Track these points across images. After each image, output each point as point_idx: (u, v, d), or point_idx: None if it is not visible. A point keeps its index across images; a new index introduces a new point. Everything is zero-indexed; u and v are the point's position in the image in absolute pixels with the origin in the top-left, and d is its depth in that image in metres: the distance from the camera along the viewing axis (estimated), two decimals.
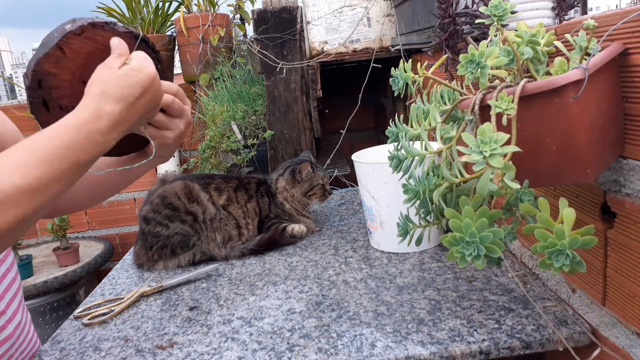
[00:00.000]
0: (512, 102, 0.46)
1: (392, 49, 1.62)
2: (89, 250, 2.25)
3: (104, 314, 0.84)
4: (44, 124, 0.63)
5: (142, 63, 0.61)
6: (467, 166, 0.49)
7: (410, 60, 1.49)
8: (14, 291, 0.76)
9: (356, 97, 1.59)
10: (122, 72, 0.59)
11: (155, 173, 2.22)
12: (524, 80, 0.48)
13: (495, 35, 0.56)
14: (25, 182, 0.50)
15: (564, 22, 0.70)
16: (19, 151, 0.52)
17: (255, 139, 1.63)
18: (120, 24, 0.67)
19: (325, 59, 1.63)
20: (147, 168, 0.81)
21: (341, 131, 1.65)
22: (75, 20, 0.64)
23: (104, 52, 0.64)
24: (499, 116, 0.47)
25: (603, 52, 0.48)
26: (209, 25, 1.95)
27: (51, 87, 0.63)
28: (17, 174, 0.50)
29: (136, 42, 0.66)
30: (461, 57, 0.50)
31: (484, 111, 0.51)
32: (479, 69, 0.49)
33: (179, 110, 0.71)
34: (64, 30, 0.62)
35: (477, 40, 0.71)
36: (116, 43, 0.62)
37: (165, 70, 0.69)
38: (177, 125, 0.72)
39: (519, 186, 0.45)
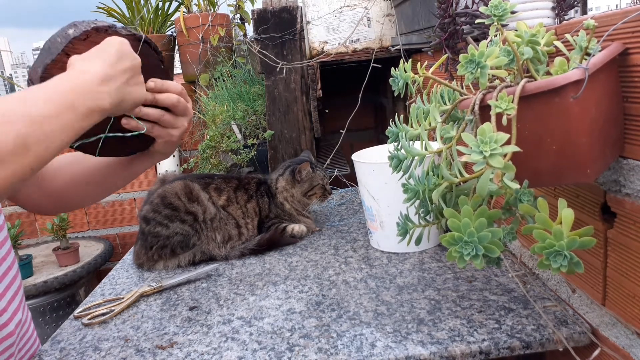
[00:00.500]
0: (512, 102, 0.46)
1: (392, 49, 1.62)
2: (89, 250, 2.25)
3: (104, 314, 0.84)
4: None
5: (110, 39, 0.64)
6: (467, 166, 0.49)
7: (410, 60, 1.49)
8: (14, 289, 0.76)
9: (356, 97, 1.59)
10: (94, 48, 0.63)
11: (155, 173, 2.22)
12: (524, 80, 0.48)
13: (495, 35, 0.56)
14: (26, 110, 0.50)
15: (564, 22, 0.70)
16: (23, 93, 0.53)
17: (255, 139, 1.63)
18: (121, 25, 0.67)
19: (325, 59, 1.63)
20: (149, 165, 0.84)
21: (341, 131, 1.65)
22: (76, 25, 0.64)
23: None
24: (499, 116, 0.47)
25: (603, 52, 0.48)
26: (209, 25, 1.95)
27: None
28: (24, 117, 0.50)
29: (139, 44, 0.67)
30: (461, 57, 0.50)
31: (484, 111, 0.51)
32: (479, 69, 0.50)
33: (184, 109, 0.75)
34: (68, 36, 0.63)
35: (477, 40, 0.71)
36: None
37: (168, 70, 0.70)
38: (181, 123, 0.75)
39: (518, 186, 0.45)
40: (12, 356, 0.73)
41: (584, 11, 1.04)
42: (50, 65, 0.62)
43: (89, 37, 0.64)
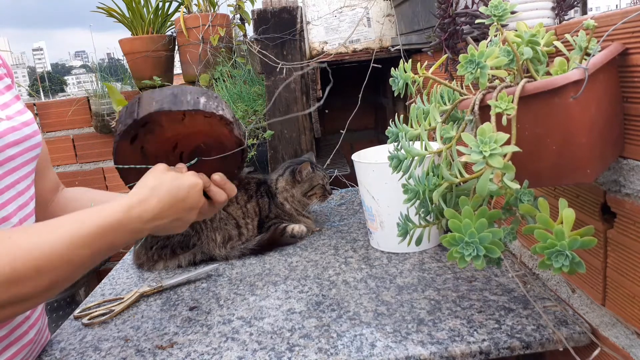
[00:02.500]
0: (512, 102, 0.46)
1: (392, 49, 1.62)
2: None
3: (103, 314, 0.84)
4: (120, 150, 0.66)
5: (192, 178, 0.68)
6: (467, 166, 0.49)
7: (410, 60, 1.49)
8: None
9: (356, 97, 1.59)
10: (172, 179, 0.66)
11: None
12: (524, 80, 0.48)
13: (495, 35, 0.56)
14: (70, 255, 0.54)
15: (564, 22, 0.70)
16: (68, 222, 0.56)
17: (255, 139, 1.63)
18: (242, 131, 0.70)
19: (325, 59, 1.63)
20: None
21: (341, 131, 1.65)
22: (215, 98, 0.66)
23: (212, 140, 0.69)
24: (499, 116, 0.47)
25: (603, 52, 0.48)
26: (209, 26, 1.95)
27: (151, 132, 0.66)
28: (66, 246, 0.53)
29: (237, 146, 0.70)
30: (461, 57, 0.50)
31: (484, 111, 0.51)
32: (479, 69, 0.49)
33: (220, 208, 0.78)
34: (198, 103, 0.64)
35: (477, 40, 0.71)
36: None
37: (243, 162, 0.76)
38: (207, 215, 0.77)
39: (518, 186, 0.45)
40: None
41: (584, 11, 1.04)
42: (165, 112, 0.64)
43: (211, 117, 0.65)
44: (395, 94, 0.63)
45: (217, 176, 0.73)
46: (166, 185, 0.64)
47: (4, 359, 0.67)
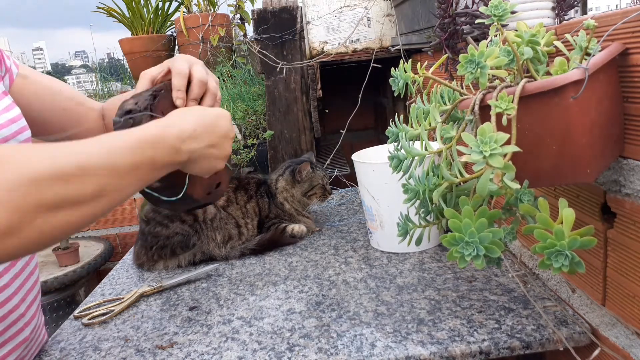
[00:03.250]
0: (512, 102, 0.46)
1: (392, 49, 1.62)
2: (89, 250, 2.25)
3: (103, 314, 0.84)
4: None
5: (219, 109, 0.69)
6: (467, 166, 0.49)
7: (410, 60, 1.49)
8: (34, 294, 0.77)
9: (356, 97, 1.59)
10: (200, 108, 0.68)
11: None
12: (524, 80, 0.48)
13: (495, 35, 0.56)
14: (108, 160, 0.51)
15: (564, 22, 0.70)
16: (110, 137, 0.55)
17: (255, 139, 1.63)
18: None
19: (325, 59, 1.63)
20: None
21: (341, 131, 1.65)
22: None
23: None
24: (499, 116, 0.47)
25: (603, 52, 0.48)
26: (209, 25, 1.95)
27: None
28: (105, 153, 0.52)
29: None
30: (461, 57, 0.50)
31: (484, 111, 0.51)
32: (479, 69, 0.49)
33: None
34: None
35: (477, 40, 0.71)
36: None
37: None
38: None
39: (518, 186, 0.45)
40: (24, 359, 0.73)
41: (584, 11, 1.04)
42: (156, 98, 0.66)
43: None
44: (395, 94, 0.63)
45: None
46: (196, 111, 0.65)
47: None
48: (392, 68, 0.62)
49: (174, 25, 2.15)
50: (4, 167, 0.44)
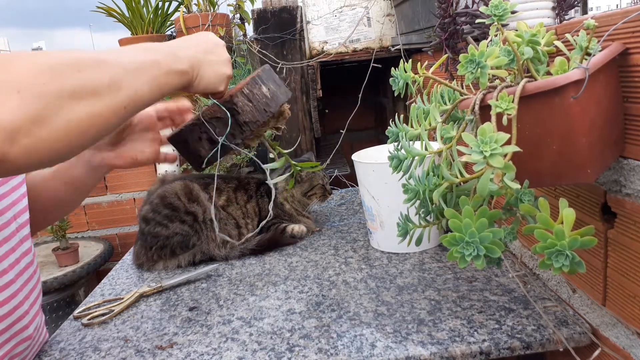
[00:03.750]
0: (513, 102, 0.46)
1: (392, 49, 1.62)
2: (89, 251, 2.25)
3: (103, 314, 0.84)
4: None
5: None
6: (467, 166, 0.49)
7: (410, 60, 1.49)
8: (37, 293, 0.77)
9: (356, 97, 1.59)
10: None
11: (155, 173, 2.21)
12: (524, 80, 0.48)
13: (496, 35, 0.56)
14: (116, 58, 0.54)
15: (564, 21, 0.70)
16: (113, 50, 0.58)
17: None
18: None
19: (325, 58, 1.63)
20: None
21: (341, 131, 1.65)
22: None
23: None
24: (499, 116, 0.46)
25: (603, 52, 0.48)
26: (208, 25, 1.95)
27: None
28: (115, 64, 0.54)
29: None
30: (461, 57, 0.50)
31: (484, 111, 0.51)
32: (479, 69, 0.49)
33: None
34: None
35: (477, 40, 0.71)
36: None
37: None
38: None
39: (519, 186, 0.45)
40: (26, 358, 0.73)
41: (584, 11, 1.04)
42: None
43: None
44: (396, 94, 0.63)
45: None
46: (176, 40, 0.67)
47: (3, 352, 0.67)
48: (392, 68, 0.62)
49: (173, 25, 2.14)
50: (25, 59, 0.46)
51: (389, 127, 0.63)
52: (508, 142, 0.44)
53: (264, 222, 1.07)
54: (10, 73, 0.44)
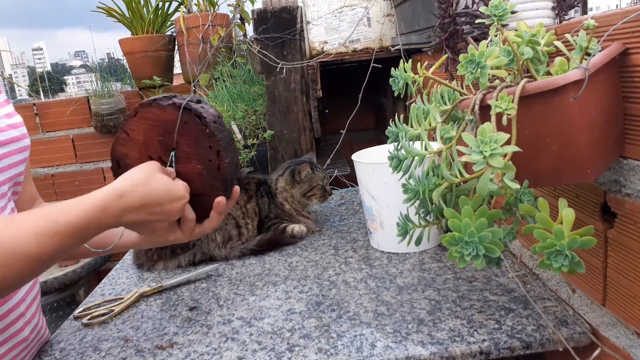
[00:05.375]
0: (512, 102, 0.46)
1: (392, 49, 1.62)
2: None
3: (103, 314, 0.84)
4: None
5: (180, 189, 0.66)
6: (467, 166, 0.49)
7: (410, 60, 1.49)
8: (34, 294, 0.77)
9: (356, 97, 1.59)
10: (160, 183, 0.64)
11: None
12: (524, 80, 0.48)
13: (496, 35, 0.56)
14: (39, 251, 0.55)
15: (564, 22, 0.70)
16: (42, 218, 0.57)
17: (255, 139, 1.63)
18: (165, 96, 0.69)
19: (325, 59, 1.63)
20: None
21: (341, 131, 1.65)
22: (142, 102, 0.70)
23: (156, 128, 0.69)
24: (499, 116, 0.47)
25: (603, 52, 0.48)
26: (209, 25, 1.95)
27: (127, 165, 0.69)
28: (34, 242, 0.55)
29: (179, 111, 0.68)
30: (461, 57, 0.50)
31: (484, 111, 0.51)
32: (479, 69, 0.49)
33: (196, 234, 0.72)
34: (127, 116, 0.70)
35: (477, 40, 0.71)
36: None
37: (212, 135, 0.69)
38: (178, 235, 0.71)
39: (518, 186, 0.45)
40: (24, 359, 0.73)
41: (584, 11, 1.04)
42: (115, 142, 0.70)
43: (138, 113, 0.69)
44: (396, 94, 0.63)
45: (188, 213, 0.69)
46: (155, 186, 0.63)
47: None
48: (392, 68, 0.62)
49: (174, 25, 2.14)
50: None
51: (389, 127, 0.63)
52: (508, 142, 0.44)
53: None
54: None
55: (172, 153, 0.70)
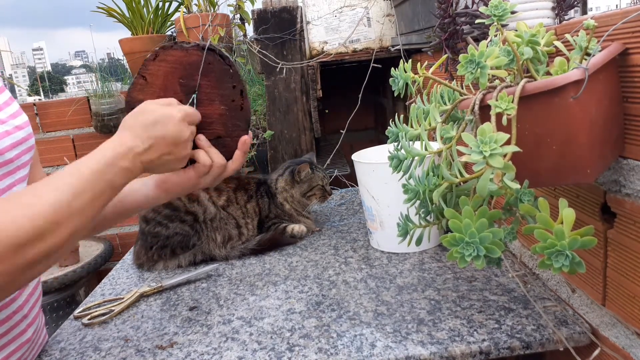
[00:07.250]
0: (512, 102, 0.46)
1: (392, 49, 1.62)
2: (89, 250, 2.25)
3: (103, 314, 0.84)
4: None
5: (165, 109, 0.65)
6: (467, 166, 0.49)
7: (410, 60, 1.49)
8: (37, 296, 0.77)
9: (356, 97, 1.59)
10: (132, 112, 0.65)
11: None
12: (524, 80, 0.48)
13: (495, 35, 0.56)
14: (75, 204, 0.55)
15: (564, 22, 0.70)
16: (70, 175, 0.58)
17: (255, 139, 1.63)
18: (186, 43, 0.69)
19: (325, 59, 1.63)
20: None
21: (341, 131, 1.65)
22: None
23: (177, 70, 0.68)
24: (499, 116, 0.47)
25: (603, 52, 0.48)
26: (209, 25, 1.95)
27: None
28: (64, 192, 0.55)
29: (203, 53, 0.68)
30: (461, 57, 0.50)
31: (484, 111, 0.51)
32: (479, 69, 0.49)
33: (210, 181, 0.73)
34: (145, 60, 0.69)
35: (477, 40, 0.71)
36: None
37: (236, 75, 0.69)
38: (201, 182, 0.72)
39: (518, 186, 0.45)
40: None
41: (584, 11, 1.04)
42: (131, 88, 0.69)
43: (158, 56, 0.68)
44: (395, 94, 0.63)
45: (199, 140, 0.70)
46: (140, 121, 0.64)
47: (1, 357, 0.67)
48: (392, 68, 0.62)
49: (174, 25, 2.14)
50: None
51: (389, 127, 0.63)
52: (508, 142, 0.44)
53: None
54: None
55: (194, 95, 0.69)
